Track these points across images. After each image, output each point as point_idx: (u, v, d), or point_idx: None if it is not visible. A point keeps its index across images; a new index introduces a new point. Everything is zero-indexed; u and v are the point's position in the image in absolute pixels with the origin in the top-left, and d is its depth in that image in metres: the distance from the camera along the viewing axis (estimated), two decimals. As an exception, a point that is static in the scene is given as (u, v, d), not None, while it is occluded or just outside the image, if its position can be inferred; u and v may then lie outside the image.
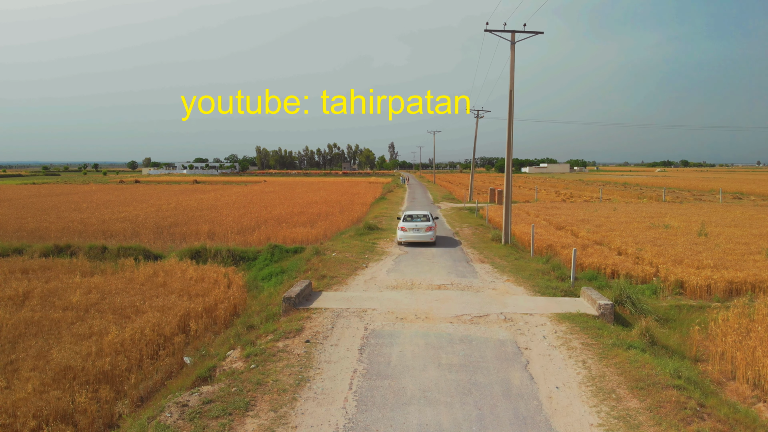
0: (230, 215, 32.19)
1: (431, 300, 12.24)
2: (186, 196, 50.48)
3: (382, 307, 11.62)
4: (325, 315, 11.10)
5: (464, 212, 35.13)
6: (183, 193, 58.09)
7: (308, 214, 33.40)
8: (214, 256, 21.61)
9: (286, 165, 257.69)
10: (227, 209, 36.26)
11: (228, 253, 21.65)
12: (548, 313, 11.39)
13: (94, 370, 10.14)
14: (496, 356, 8.80)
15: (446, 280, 14.45)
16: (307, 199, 47.14)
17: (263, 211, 35.01)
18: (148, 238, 25.51)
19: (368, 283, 14.04)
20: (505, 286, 13.86)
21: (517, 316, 11.12)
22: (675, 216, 31.22)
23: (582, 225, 26.50)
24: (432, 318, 10.84)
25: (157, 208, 36.32)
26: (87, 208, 38.23)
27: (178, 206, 38.56)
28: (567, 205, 39.26)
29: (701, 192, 65.80)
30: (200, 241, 24.83)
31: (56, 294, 15.70)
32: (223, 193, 55.94)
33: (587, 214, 31.80)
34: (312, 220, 30.30)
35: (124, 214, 32.48)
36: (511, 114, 19.63)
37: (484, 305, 11.83)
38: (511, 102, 19.58)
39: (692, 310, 13.96)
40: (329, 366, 8.35)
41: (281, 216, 31.79)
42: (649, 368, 8.35)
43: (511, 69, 19.39)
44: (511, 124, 19.68)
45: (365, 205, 42.05)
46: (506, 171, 20.07)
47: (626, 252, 19.27)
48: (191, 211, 34.68)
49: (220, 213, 33.45)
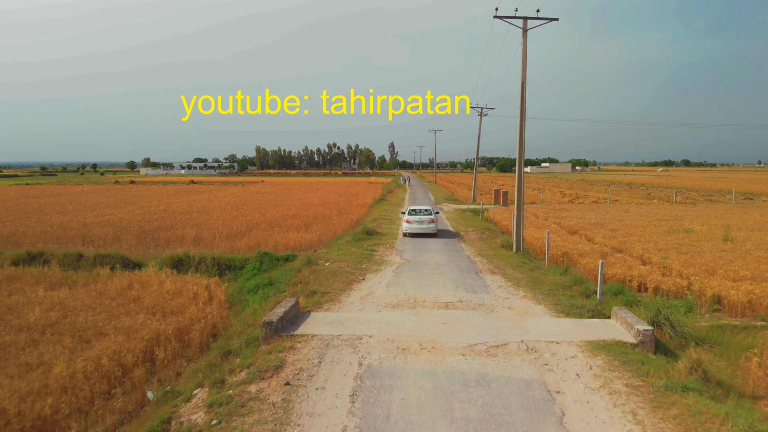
0: (220, 218, 30.40)
1: (438, 323, 10.45)
2: (178, 198, 48.67)
3: (381, 333, 9.83)
4: (312, 344, 9.31)
5: (468, 215, 33.33)
6: (176, 194, 56.28)
7: (303, 216, 31.60)
8: (198, 264, 19.82)
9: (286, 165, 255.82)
10: (218, 212, 34.46)
11: (213, 261, 19.86)
12: (578, 340, 9.60)
13: (32, 414, 8.38)
14: (523, 405, 7.02)
15: (454, 296, 12.66)
16: (303, 200, 45.35)
17: (256, 213, 33.21)
18: (130, 243, 23.73)
19: (365, 301, 12.25)
20: (523, 303, 12.07)
21: (541, 344, 9.33)
22: (692, 218, 29.43)
23: (596, 229, 24.71)
24: (440, 348, 9.06)
25: (145, 211, 34.53)
26: (72, 210, 36.45)
27: (168, 208, 36.76)
28: (575, 207, 37.47)
29: (710, 192, 63.97)
30: (185, 247, 23.05)
31: (15, 311, 13.92)
32: (217, 195, 54.12)
33: (599, 217, 30.01)
34: (307, 224, 28.51)
35: (108, 217, 30.68)
36: (523, 108, 17.84)
37: (501, 330, 10.05)
38: (523, 95, 17.79)
39: (736, 331, 12.17)
40: (312, 421, 6.56)
41: (275, 219, 30.00)
42: (718, 423, 6.58)
43: (523, 59, 17.60)
44: (523, 119, 17.89)
45: (364, 206, 40.25)
46: (518, 171, 18.27)
47: (650, 261, 17.48)
48: (180, 214, 32.89)
49: (210, 216, 31.66)
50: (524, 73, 17.66)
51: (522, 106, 17.78)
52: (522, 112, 17.80)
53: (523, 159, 17.86)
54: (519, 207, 18.02)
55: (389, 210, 36.06)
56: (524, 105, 17.81)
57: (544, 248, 20.16)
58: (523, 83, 17.69)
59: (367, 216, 34.09)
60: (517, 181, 18.15)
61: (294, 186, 76.08)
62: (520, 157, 17.92)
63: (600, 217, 30.17)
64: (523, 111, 17.83)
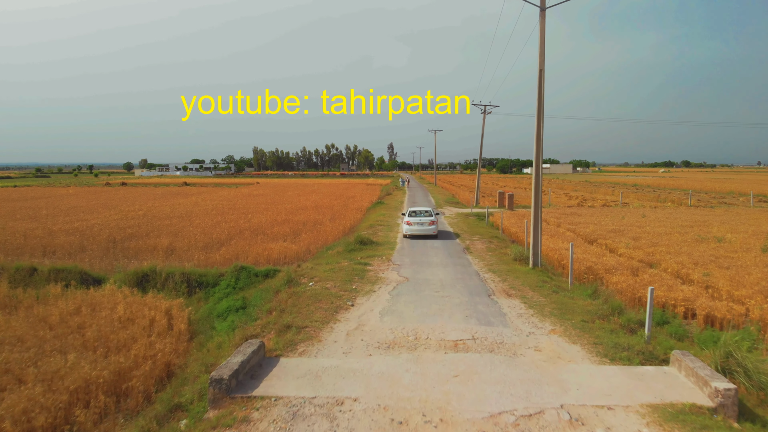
0: (201, 225, 27.84)
1: (447, 375, 7.91)
2: (164, 201, 46.07)
3: (370, 394, 7.29)
4: (274, 414, 6.76)
5: (472, 220, 30.79)
6: (163, 197, 53.66)
7: (293, 223, 29.03)
8: (165, 281, 17.26)
9: (284, 166, 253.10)
10: (202, 217, 31.88)
11: (182, 277, 17.29)
12: (637, 404, 7.07)
13: None
14: None
15: (465, 330, 10.12)
16: (296, 203, 42.77)
17: (242, 219, 30.63)
18: (96, 254, 21.16)
19: (352, 338, 9.69)
20: (553, 342, 9.52)
21: (589, 412, 6.80)
22: (716, 224, 26.92)
23: (616, 237, 22.19)
24: (451, 422, 6.51)
25: (123, 216, 31.95)
26: (46, 215, 33.85)
27: (148, 213, 34.16)
28: (586, 211, 34.91)
29: (721, 194, 61.49)
30: (156, 258, 20.51)
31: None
32: (206, 197, 51.51)
33: (616, 223, 27.49)
34: (296, 231, 25.95)
35: (79, 224, 28.08)
36: (540, 99, 15.31)
37: (532, 387, 7.50)
38: (541, 84, 15.26)
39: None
40: None
41: (261, 225, 27.42)
42: None
43: (541, 42, 15.09)
44: (541, 112, 15.35)
45: (360, 211, 37.69)
46: (535, 172, 15.71)
47: (691, 279, 14.94)
48: (159, 220, 30.31)
49: (190, 222, 29.09)
50: (542, 58, 15.15)
51: (540, 97, 15.25)
52: (540, 104, 15.27)
53: (541, 158, 15.31)
54: (536, 214, 15.47)
55: (386, 215, 33.50)
56: (542, 96, 15.28)
57: (562, 261, 17.66)
58: (541, 70, 15.17)
59: (363, 221, 31.54)
60: (534, 183, 15.60)
61: (289, 188, 73.46)
62: (538, 156, 15.37)
63: (617, 222, 27.64)
64: (541, 102, 15.30)
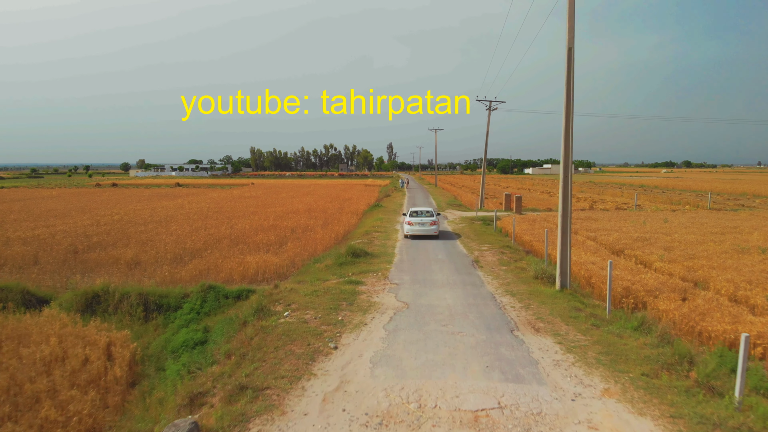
0: (179, 231, 25.08)
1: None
2: (147, 203, 43.28)
3: None
4: None
5: (478, 225, 28.05)
6: (149, 199, 50.88)
7: (280, 229, 26.27)
8: (119, 303, 14.51)
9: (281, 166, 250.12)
10: (182, 222, 29.12)
11: (139, 298, 14.53)
12: None
13: None
14: None
15: (486, 391, 7.38)
16: (288, 206, 40.01)
17: (225, 224, 27.87)
18: (50, 267, 18.43)
19: (330, 407, 6.95)
20: (612, 413, 6.78)
21: None
22: (747, 230, 24.21)
23: (644, 247, 19.46)
24: None
25: (96, 221, 29.18)
26: (14, 220, 31.07)
27: (125, 217, 31.38)
28: (601, 215, 32.16)
29: (734, 195, 58.76)
30: (118, 271, 17.80)
31: None
32: (193, 199, 48.72)
33: (638, 229, 24.77)
34: (282, 239, 23.20)
35: (42, 231, 25.30)
36: (570, 83, 12.58)
37: None
38: (570, 65, 12.54)
39: None
40: None
41: (244, 232, 24.66)
42: None
43: (570, 13, 12.39)
44: (571, 99, 12.62)
45: (356, 214, 34.94)
46: (563, 172, 12.96)
47: (755, 303, 12.22)
48: (134, 225, 27.55)
49: (167, 228, 26.32)
50: (571, 34, 12.44)
51: (569, 82, 12.52)
52: (569, 90, 12.53)
53: (570, 154, 12.56)
54: (565, 224, 12.71)
55: (384, 219, 30.75)
56: (572, 80, 12.55)
57: (590, 278, 14.92)
58: (570, 49, 12.45)
59: (358, 226, 28.82)
60: (561, 186, 12.84)
61: (283, 189, 70.66)
62: (566, 153, 12.60)
63: (639, 229, 24.92)
64: (570, 88, 12.57)
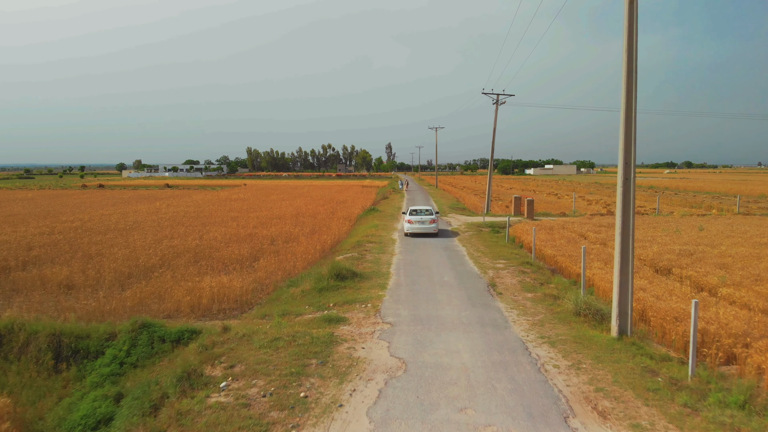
0: (140, 241, 21.50)
1: None
2: (121, 207, 39.66)
3: None
4: None
5: (487, 233, 24.51)
6: (127, 201, 47.25)
7: (257, 239, 22.68)
8: (24, 346, 10.98)
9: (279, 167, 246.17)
10: (149, 230, 25.53)
11: (51, 340, 10.97)
12: None
13: None
14: None
15: None
16: (274, 211, 36.42)
17: (196, 232, 24.27)
18: (-36, 291, 14.88)
19: None
20: None
21: None
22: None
23: (694, 265, 15.86)
24: None
25: (50, 229, 25.59)
26: (-38, 226, 27.52)
27: (85, 224, 27.78)
28: (623, 221, 28.53)
29: (753, 198, 55.23)
30: (48, 294, 14.28)
31: None
32: (175, 202, 45.12)
33: (674, 239, 21.20)
34: (256, 252, 19.62)
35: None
36: (631, 49, 9.06)
37: None
38: (633, 22, 9.02)
39: None
40: None
41: (213, 244, 21.06)
42: None
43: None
44: (633, 66, 9.10)
45: (349, 220, 31.38)
46: (622, 171, 9.35)
47: None
48: (93, 234, 23.98)
49: (129, 238, 22.73)
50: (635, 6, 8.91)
51: (630, 50, 9.00)
52: (630, 57, 9.01)
53: (633, 148, 9.03)
54: (626, 248, 9.14)
55: (380, 226, 27.18)
56: (635, 44, 9.03)
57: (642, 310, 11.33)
58: (632, 2, 8.93)
59: (350, 235, 25.27)
60: (620, 192, 9.27)
61: (275, 190, 67.02)
62: (628, 140, 9.07)
63: (675, 239, 21.35)
64: (633, 55, 9.05)
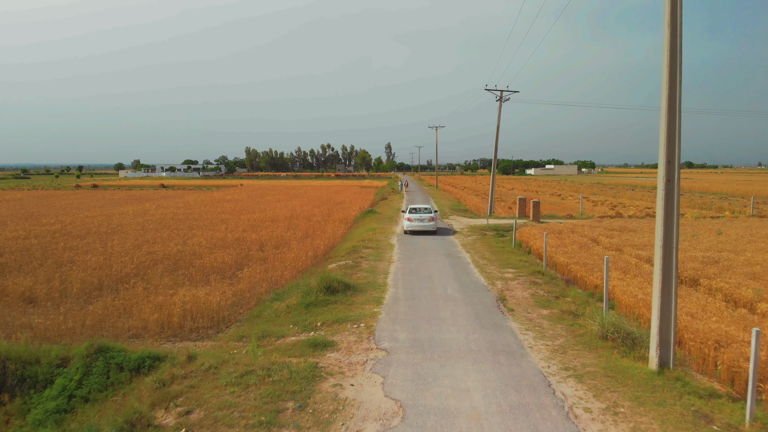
0: (119, 247, 19.98)
1: None
2: (108, 209, 38.11)
3: None
4: None
5: (492, 238, 23.00)
6: (116, 203, 45.73)
7: (246, 243, 21.17)
8: (-40, 374, 9.48)
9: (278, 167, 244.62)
10: (131, 234, 24.01)
11: (-9, 368, 9.48)
12: None
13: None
14: None
15: None
16: (268, 212, 34.91)
17: (180, 237, 22.75)
18: None
19: None
20: None
21: None
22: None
23: (722, 275, 14.25)
24: None
25: (27, 233, 24.06)
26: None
27: (66, 227, 26.24)
28: (635, 224, 26.92)
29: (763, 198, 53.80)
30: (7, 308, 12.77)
31: None
32: (165, 203, 43.60)
33: (694, 245, 19.61)
34: (242, 259, 18.12)
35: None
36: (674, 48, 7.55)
37: None
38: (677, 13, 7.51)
39: None
40: None
41: (197, 249, 19.52)
42: None
43: None
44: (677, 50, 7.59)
45: (345, 222, 29.88)
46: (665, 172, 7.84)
47: None
48: (71, 238, 22.47)
49: (107, 243, 21.22)
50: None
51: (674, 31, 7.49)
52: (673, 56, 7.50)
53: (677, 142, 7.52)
54: (668, 263, 7.60)
55: (378, 229, 25.67)
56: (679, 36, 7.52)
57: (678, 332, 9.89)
58: None
59: (346, 239, 23.77)
60: (662, 197, 7.72)
61: (272, 191, 65.51)
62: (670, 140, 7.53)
63: (694, 244, 19.83)
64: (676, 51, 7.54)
